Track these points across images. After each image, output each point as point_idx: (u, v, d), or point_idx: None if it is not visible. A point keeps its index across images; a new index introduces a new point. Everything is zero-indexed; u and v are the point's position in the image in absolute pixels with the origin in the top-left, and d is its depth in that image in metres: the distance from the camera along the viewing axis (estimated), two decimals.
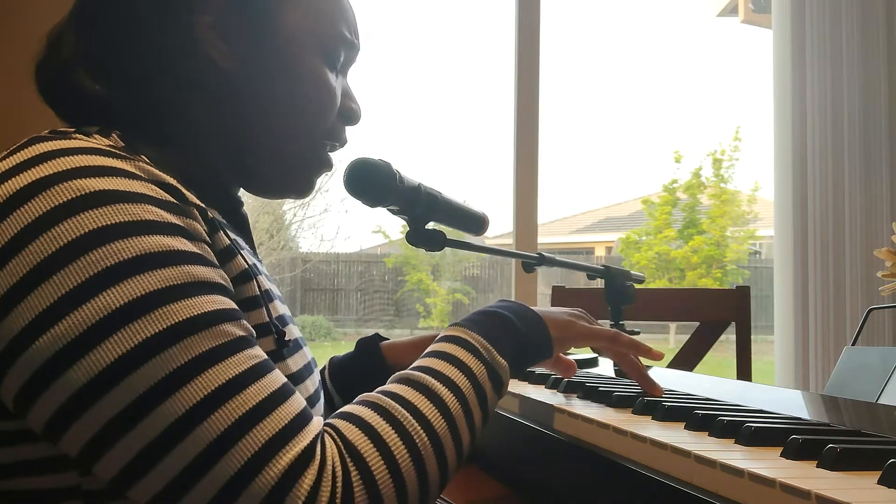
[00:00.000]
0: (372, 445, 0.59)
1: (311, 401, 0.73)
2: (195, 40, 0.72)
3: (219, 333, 0.57)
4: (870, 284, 2.70)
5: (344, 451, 0.58)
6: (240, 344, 0.58)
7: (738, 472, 0.54)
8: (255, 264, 0.72)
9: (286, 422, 0.56)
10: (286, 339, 0.70)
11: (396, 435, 0.60)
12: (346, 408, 0.63)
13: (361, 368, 1.01)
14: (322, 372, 1.02)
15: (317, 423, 0.59)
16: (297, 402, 0.59)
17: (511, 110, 2.73)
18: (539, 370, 1.12)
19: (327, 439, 0.59)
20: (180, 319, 0.55)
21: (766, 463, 0.57)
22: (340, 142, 0.84)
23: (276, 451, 0.55)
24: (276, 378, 0.59)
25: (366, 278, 8.78)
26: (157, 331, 0.54)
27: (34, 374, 0.54)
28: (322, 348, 7.77)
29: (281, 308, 0.76)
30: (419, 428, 0.61)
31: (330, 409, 0.99)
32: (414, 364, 0.69)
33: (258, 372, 0.58)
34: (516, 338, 0.76)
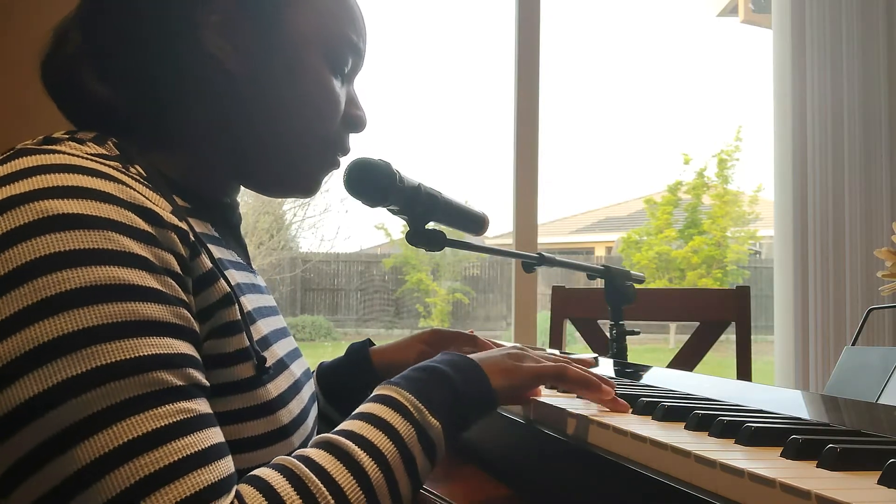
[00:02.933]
0: None
1: (296, 422, 0.72)
2: (200, 40, 0.72)
3: (149, 381, 0.54)
4: (870, 284, 2.70)
5: None
6: (171, 395, 0.55)
7: (738, 472, 0.54)
8: (239, 284, 0.71)
9: (195, 490, 0.53)
10: (266, 364, 0.68)
11: (300, 501, 0.56)
12: (258, 471, 0.59)
13: (349, 373, 1.01)
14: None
15: (228, 498, 0.55)
16: (215, 470, 0.55)
17: (511, 110, 2.73)
18: None
19: None
20: (109, 361, 0.53)
21: (766, 463, 0.57)
22: (344, 150, 0.84)
23: None
24: (200, 439, 0.55)
25: (366, 278, 8.78)
26: (81, 371, 0.52)
27: None
28: (322, 348, 7.77)
29: (267, 326, 0.74)
30: (330, 499, 0.57)
31: (318, 415, 0.99)
32: (338, 426, 0.65)
33: (180, 429, 0.54)
34: (452, 394, 0.70)
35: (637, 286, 1.36)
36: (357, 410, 0.67)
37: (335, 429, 0.64)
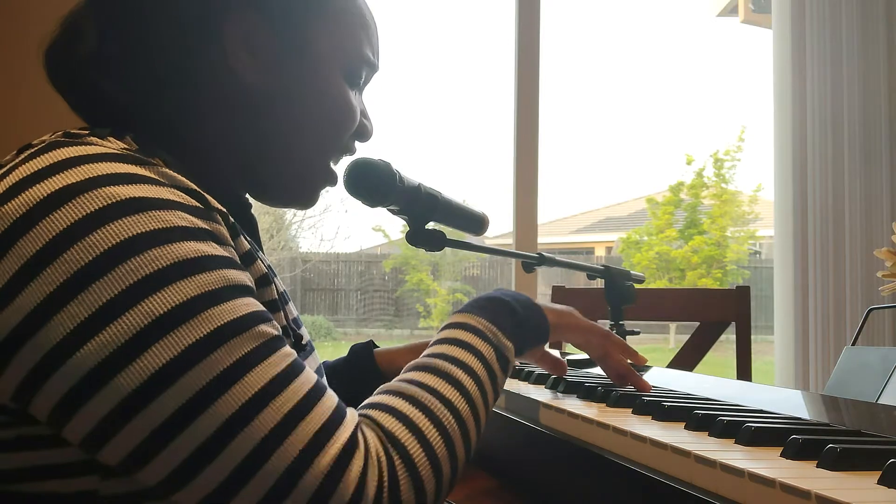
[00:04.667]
0: (409, 432, 0.61)
1: None
2: (223, 52, 0.72)
3: (257, 335, 0.58)
4: (870, 284, 2.70)
5: (384, 439, 0.60)
6: (276, 343, 0.59)
7: (738, 472, 0.54)
8: (270, 266, 0.73)
9: (329, 414, 0.58)
10: (303, 342, 0.71)
11: (428, 421, 0.62)
12: (374, 399, 0.65)
13: (354, 374, 1.01)
14: None
15: (353, 414, 0.61)
16: (333, 395, 0.61)
17: (511, 110, 2.73)
18: (538, 371, 1.12)
19: (366, 429, 0.60)
20: (222, 323, 0.56)
21: (766, 463, 0.57)
22: (351, 153, 0.86)
23: (324, 442, 0.56)
24: (311, 374, 0.60)
25: (366, 278, 8.77)
26: (201, 335, 0.55)
27: (77, 385, 0.54)
28: (322, 348, 7.76)
29: (294, 311, 0.77)
30: (447, 412, 0.64)
31: None
32: (428, 351, 0.71)
33: (296, 369, 0.59)
34: (517, 321, 0.79)
35: (637, 286, 1.36)
36: (439, 336, 0.74)
37: (425, 352, 0.72)
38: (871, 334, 2.71)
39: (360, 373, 1.01)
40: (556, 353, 1.02)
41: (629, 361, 0.97)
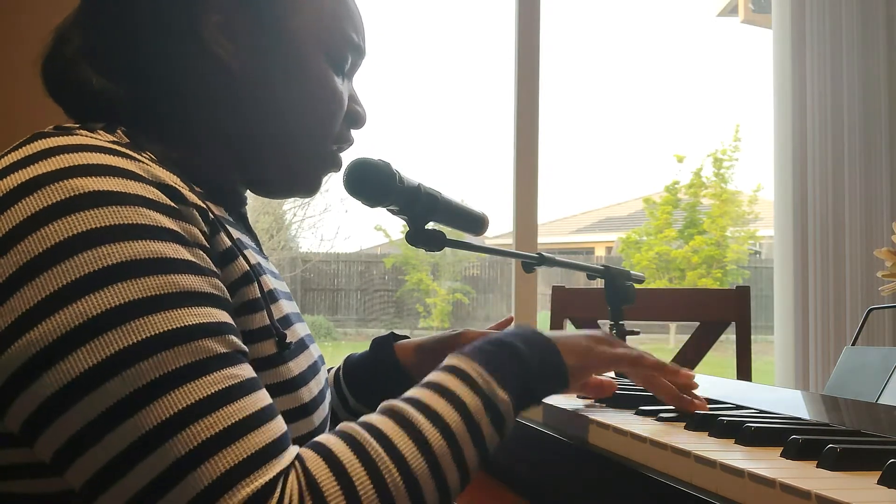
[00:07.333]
0: (336, 484, 0.55)
1: (316, 401, 0.72)
2: (202, 39, 0.72)
3: (197, 349, 0.55)
4: (870, 284, 2.70)
5: (304, 488, 0.55)
6: (218, 362, 0.56)
7: (738, 472, 0.54)
8: (258, 264, 0.72)
9: (252, 451, 0.54)
10: (287, 341, 0.69)
11: (365, 473, 0.56)
12: (321, 437, 0.60)
13: (373, 369, 1.00)
14: (338, 371, 1.02)
15: (287, 455, 0.56)
16: (270, 430, 0.56)
17: (511, 110, 2.73)
18: None
19: (291, 473, 0.56)
20: (157, 332, 0.54)
21: (766, 463, 0.57)
22: (348, 142, 0.85)
23: (237, 480, 0.53)
24: (253, 402, 0.57)
25: (366, 278, 8.77)
26: (131, 343, 0.53)
27: (10, 378, 0.54)
28: (322, 348, 7.70)
29: (287, 307, 0.75)
30: (391, 467, 0.57)
31: (345, 409, 0.99)
32: (405, 394, 0.65)
33: (233, 394, 0.55)
34: (524, 368, 0.70)
35: (637, 286, 1.36)
36: (425, 379, 0.66)
37: (401, 396, 0.64)
38: (871, 334, 2.71)
39: (379, 368, 0.99)
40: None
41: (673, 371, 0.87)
